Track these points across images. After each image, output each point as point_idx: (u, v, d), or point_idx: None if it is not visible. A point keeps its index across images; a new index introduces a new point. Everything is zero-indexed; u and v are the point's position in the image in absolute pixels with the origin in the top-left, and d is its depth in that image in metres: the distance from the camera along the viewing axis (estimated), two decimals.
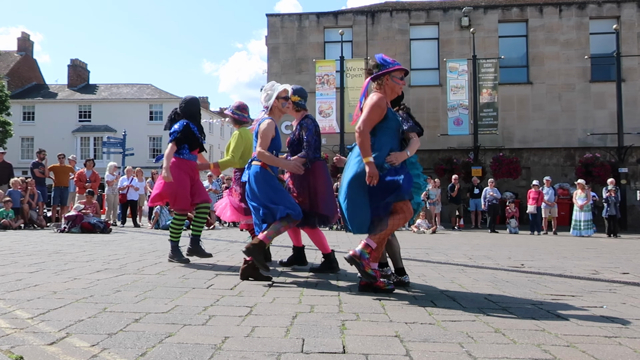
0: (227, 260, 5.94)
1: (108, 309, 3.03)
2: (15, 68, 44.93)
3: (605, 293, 4.12)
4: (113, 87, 46.82)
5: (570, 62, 21.45)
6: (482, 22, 21.96)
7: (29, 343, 2.28)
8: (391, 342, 2.44)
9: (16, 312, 2.90)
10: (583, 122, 21.15)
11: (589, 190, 14.92)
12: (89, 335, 2.43)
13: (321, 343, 2.39)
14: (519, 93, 21.66)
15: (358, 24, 22.60)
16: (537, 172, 20.54)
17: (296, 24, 22.91)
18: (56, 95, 45.12)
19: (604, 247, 10.14)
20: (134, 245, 7.71)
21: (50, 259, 5.55)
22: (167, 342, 2.35)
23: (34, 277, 4.23)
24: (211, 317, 2.87)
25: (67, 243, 7.92)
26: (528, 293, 4.01)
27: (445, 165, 20.12)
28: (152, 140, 43.16)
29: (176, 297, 3.47)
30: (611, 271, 5.75)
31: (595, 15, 21.62)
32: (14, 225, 11.89)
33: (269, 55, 22.92)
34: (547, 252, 8.47)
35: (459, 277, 4.85)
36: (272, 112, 4.58)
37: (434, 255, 7.18)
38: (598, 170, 19.09)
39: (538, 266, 6.07)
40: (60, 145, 35.74)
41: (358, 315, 3.02)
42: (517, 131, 21.48)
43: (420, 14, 22.61)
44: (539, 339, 2.57)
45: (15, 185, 12.88)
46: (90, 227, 10.73)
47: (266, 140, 4.37)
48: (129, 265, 5.14)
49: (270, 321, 2.82)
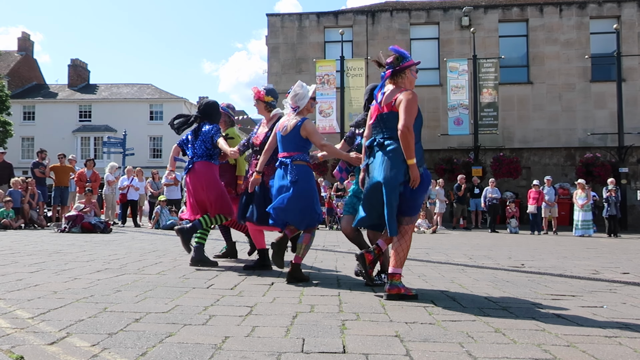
0: (227, 260, 5.94)
1: (108, 308, 3.03)
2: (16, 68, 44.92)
3: (605, 293, 4.12)
4: (113, 87, 46.82)
5: (570, 61, 21.45)
6: (482, 22, 21.96)
7: (29, 343, 2.28)
8: (391, 342, 2.44)
9: (17, 311, 2.91)
10: (583, 122, 21.15)
11: (589, 190, 14.93)
12: (90, 335, 2.43)
13: (321, 343, 2.39)
14: (519, 93, 21.65)
15: (358, 23, 22.60)
16: (538, 172, 20.54)
17: (296, 24, 22.91)
18: (56, 95, 45.11)
19: (604, 247, 10.14)
20: (134, 245, 7.71)
21: (51, 259, 5.55)
22: (168, 341, 2.35)
23: (35, 277, 4.23)
24: (211, 317, 2.87)
25: (68, 243, 7.93)
26: (528, 293, 4.01)
27: (445, 165, 20.13)
28: (152, 140, 43.14)
29: (176, 296, 3.47)
30: (611, 271, 5.75)
31: (596, 15, 21.61)
32: (14, 225, 11.89)
33: (269, 55, 22.93)
34: (547, 252, 8.47)
35: (459, 277, 4.85)
36: (301, 112, 4.44)
37: (434, 255, 7.18)
38: (598, 170, 19.10)
39: (538, 266, 6.07)
40: (61, 145, 35.73)
41: (358, 315, 3.02)
42: (518, 131, 21.48)
43: (421, 14, 22.61)
44: (539, 338, 2.57)
45: (16, 185, 12.89)
46: (91, 227, 10.74)
47: (319, 135, 4.40)
48: (129, 265, 5.14)
49: (271, 321, 2.82)
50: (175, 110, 38.05)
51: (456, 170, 19.63)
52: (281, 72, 22.39)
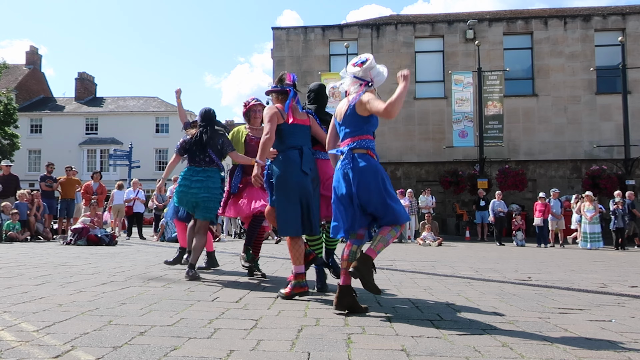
0: (232, 273, 5.93)
1: (113, 321, 3.02)
2: (24, 81, 45.41)
3: (613, 307, 4.08)
4: (120, 100, 47.21)
5: (575, 74, 21.45)
6: (486, 35, 22.04)
7: (34, 356, 2.28)
8: (397, 356, 2.42)
9: (22, 324, 2.90)
10: (589, 134, 21.10)
11: (597, 203, 14.84)
12: (94, 349, 2.42)
13: (327, 357, 2.37)
14: (525, 105, 21.65)
15: (363, 37, 22.73)
16: (544, 184, 20.47)
17: (301, 37, 23.06)
18: (63, 108, 45.52)
19: (612, 259, 10.06)
20: (139, 258, 7.71)
21: (56, 272, 5.55)
22: (172, 355, 2.34)
23: (40, 289, 4.23)
24: (216, 330, 2.86)
25: (73, 255, 7.94)
26: (535, 306, 3.97)
27: (450, 177, 20.09)
28: (158, 152, 43.40)
29: (181, 309, 3.46)
30: (619, 284, 5.69)
31: (601, 28, 21.65)
32: (20, 237, 11.93)
33: (275, 68, 23.06)
34: (554, 265, 8.40)
35: (466, 290, 4.81)
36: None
37: (440, 268, 7.14)
38: (605, 182, 18.99)
39: (545, 279, 6.02)
40: (67, 158, 35.97)
41: (364, 329, 3.00)
42: (523, 143, 21.44)
43: (425, 27, 22.72)
44: (547, 353, 2.54)
45: (22, 197, 12.95)
46: (97, 239, 10.75)
47: None
48: (135, 278, 5.13)
49: (276, 334, 2.80)
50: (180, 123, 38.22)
51: (461, 183, 19.59)
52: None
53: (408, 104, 21.04)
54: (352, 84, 3.67)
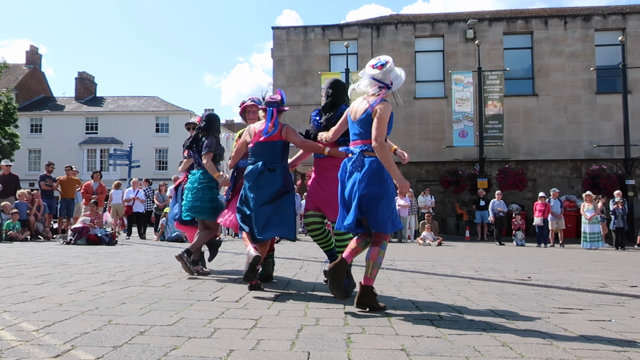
0: (232, 272, 5.93)
1: (113, 321, 3.03)
2: (24, 81, 45.39)
3: (613, 306, 4.08)
4: (120, 100, 47.21)
5: (575, 74, 21.44)
6: (487, 34, 22.02)
7: (34, 356, 2.28)
8: (397, 355, 2.42)
9: (22, 324, 2.91)
10: (589, 134, 21.08)
11: (597, 202, 14.84)
12: (94, 348, 2.42)
13: (327, 356, 2.37)
14: (525, 105, 21.64)
15: (363, 36, 22.71)
16: (544, 184, 20.46)
17: (302, 37, 23.05)
18: (63, 108, 45.51)
19: (612, 259, 10.06)
20: (139, 258, 7.71)
21: (56, 271, 5.56)
22: (172, 355, 2.34)
23: (40, 289, 4.23)
24: (216, 330, 2.86)
25: (73, 255, 7.94)
26: (535, 306, 3.97)
27: (450, 177, 20.07)
28: (158, 152, 43.40)
29: (181, 309, 3.46)
30: (619, 284, 5.70)
31: (601, 27, 21.64)
32: (20, 237, 11.93)
33: (275, 67, 23.05)
34: (554, 264, 8.41)
35: (466, 290, 4.82)
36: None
37: (440, 268, 7.15)
38: (605, 182, 18.97)
39: (545, 279, 6.02)
40: (67, 158, 35.96)
41: (364, 329, 3.00)
42: (523, 143, 21.43)
43: (425, 27, 22.71)
44: (547, 353, 2.54)
45: (22, 197, 12.95)
46: (96, 239, 10.75)
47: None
48: (135, 278, 5.14)
49: (276, 334, 2.80)
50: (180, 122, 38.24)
51: (461, 182, 19.59)
52: (286, 85, 22.47)
53: (408, 103, 21.04)
54: (370, 86, 3.71)
